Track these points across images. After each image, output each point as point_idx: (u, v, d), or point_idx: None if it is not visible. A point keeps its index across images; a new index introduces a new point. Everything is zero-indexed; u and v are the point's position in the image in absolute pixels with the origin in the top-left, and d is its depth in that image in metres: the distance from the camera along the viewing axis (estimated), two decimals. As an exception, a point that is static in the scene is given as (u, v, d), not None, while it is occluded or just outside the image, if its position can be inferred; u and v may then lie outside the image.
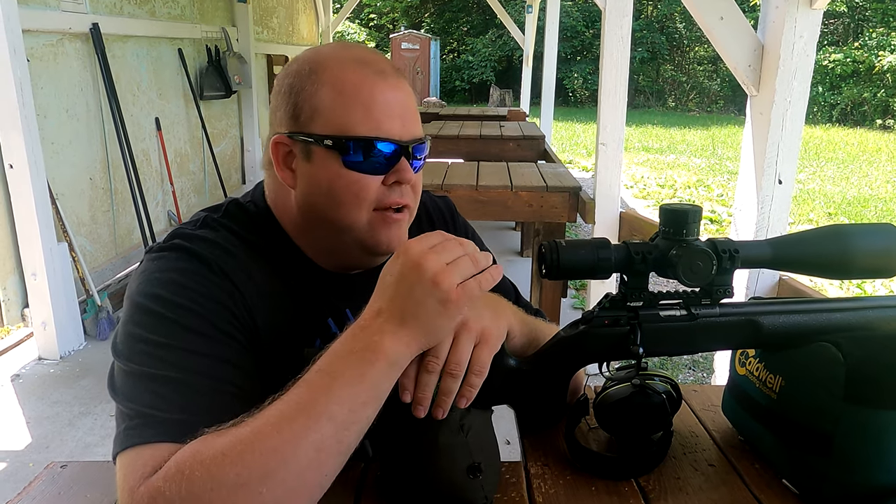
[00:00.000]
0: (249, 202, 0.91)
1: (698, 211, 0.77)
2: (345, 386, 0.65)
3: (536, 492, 0.81)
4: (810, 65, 1.75)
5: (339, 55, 0.84)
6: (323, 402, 0.64)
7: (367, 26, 23.05)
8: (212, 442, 0.63)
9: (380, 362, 0.66)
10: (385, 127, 0.81)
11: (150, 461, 0.64)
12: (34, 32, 3.11)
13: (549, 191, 2.95)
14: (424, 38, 18.47)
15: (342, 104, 0.81)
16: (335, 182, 0.82)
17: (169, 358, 0.72)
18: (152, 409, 0.69)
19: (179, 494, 0.60)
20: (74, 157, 3.42)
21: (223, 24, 5.41)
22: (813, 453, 0.75)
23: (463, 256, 0.68)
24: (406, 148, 0.83)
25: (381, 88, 0.82)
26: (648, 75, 21.20)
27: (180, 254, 0.80)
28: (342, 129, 0.81)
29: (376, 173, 0.83)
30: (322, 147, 0.81)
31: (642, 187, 8.06)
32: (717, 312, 0.80)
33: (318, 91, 0.81)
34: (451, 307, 0.67)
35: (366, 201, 0.83)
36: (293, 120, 0.83)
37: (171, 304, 0.75)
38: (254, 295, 0.82)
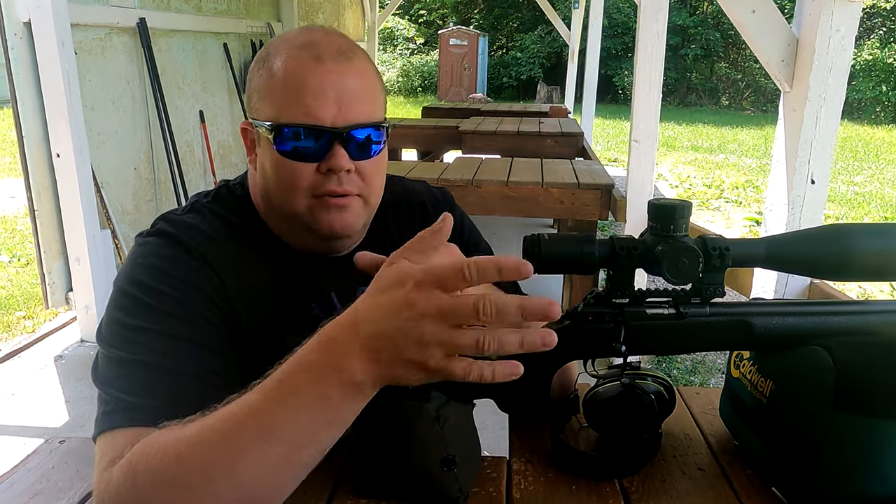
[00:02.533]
0: (238, 185, 0.93)
1: (687, 206, 0.75)
2: (305, 406, 0.58)
3: (515, 488, 0.80)
4: (847, 60, 1.67)
5: (289, 40, 0.83)
6: (278, 417, 0.58)
7: (417, 22, 23.13)
8: (162, 437, 0.62)
9: (348, 386, 0.58)
10: (315, 113, 0.79)
11: (119, 447, 0.65)
12: (83, 27, 3.23)
13: (580, 188, 2.91)
14: (473, 35, 18.43)
15: (276, 90, 0.81)
16: (273, 169, 0.83)
17: (144, 342, 0.73)
18: (126, 393, 0.70)
19: (125, 486, 0.61)
20: (120, 147, 3.54)
21: (268, 18, 5.51)
22: (801, 462, 0.72)
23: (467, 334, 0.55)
24: (339, 134, 0.80)
25: (315, 73, 0.79)
26: (702, 73, 20.65)
27: (163, 239, 0.82)
28: (276, 116, 0.81)
29: (309, 160, 0.81)
30: (265, 132, 0.82)
31: (687, 187, 7.86)
32: (707, 312, 0.78)
33: (261, 77, 0.83)
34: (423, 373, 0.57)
35: (300, 189, 0.82)
36: (248, 104, 0.85)
37: (150, 289, 0.77)
38: (235, 280, 0.83)
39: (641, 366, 0.91)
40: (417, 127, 5.24)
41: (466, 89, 17.73)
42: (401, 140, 5.18)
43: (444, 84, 18.45)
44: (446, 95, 17.84)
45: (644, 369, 0.90)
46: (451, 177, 3.01)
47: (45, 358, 3.12)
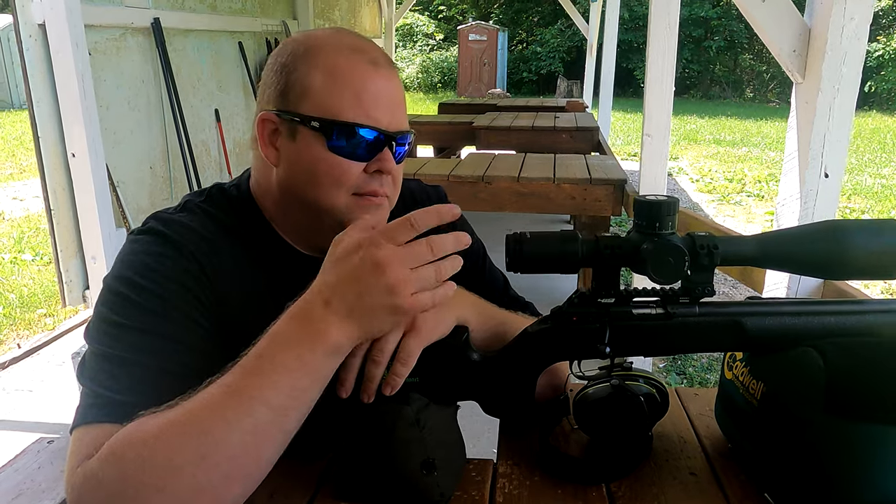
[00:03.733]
0: (233, 186, 0.93)
1: (673, 203, 0.73)
2: (284, 371, 0.65)
3: (499, 492, 0.78)
4: (862, 49, 1.62)
5: (335, 40, 0.85)
6: (259, 385, 0.64)
7: (436, 18, 23.09)
8: (146, 423, 0.63)
9: (320, 347, 0.66)
10: (373, 115, 0.82)
11: (94, 442, 0.65)
12: (98, 27, 3.26)
13: (592, 183, 2.87)
14: (492, 30, 18.37)
15: (333, 88, 0.81)
16: (317, 164, 0.82)
17: (127, 339, 0.73)
18: (105, 389, 0.70)
19: (111, 476, 0.61)
20: (135, 146, 3.58)
21: (284, 17, 5.53)
22: (793, 467, 0.70)
23: (427, 266, 0.67)
24: (391, 138, 0.84)
25: (372, 77, 0.82)
26: (725, 65, 20.36)
27: (154, 237, 0.81)
28: (330, 113, 0.81)
29: (359, 160, 0.83)
30: (308, 128, 0.82)
31: (708, 181, 7.75)
32: (696, 312, 0.75)
33: (310, 72, 0.82)
34: (399, 314, 0.68)
35: (345, 186, 0.83)
36: (282, 98, 0.84)
37: (137, 286, 0.77)
38: (225, 281, 0.82)
39: (633, 366, 0.89)
40: (433, 123, 5.22)
41: (486, 85, 17.68)
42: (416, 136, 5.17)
43: (463, 80, 18.41)
44: (466, 91, 17.81)
45: (636, 370, 0.88)
46: (462, 173, 2.99)
47: (63, 355, 3.17)
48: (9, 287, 4.25)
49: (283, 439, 0.66)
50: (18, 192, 6.87)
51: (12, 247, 5.11)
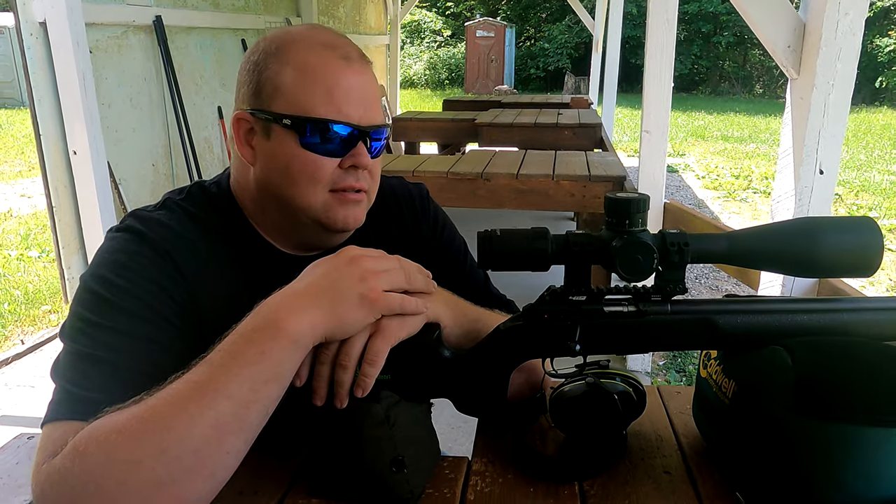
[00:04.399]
0: (213, 184, 0.93)
1: (643, 200, 0.72)
2: (245, 364, 0.65)
3: (471, 489, 0.78)
4: (857, 45, 1.60)
5: (307, 37, 0.85)
6: (222, 379, 0.64)
7: (444, 14, 23.05)
8: (109, 419, 0.64)
9: (283, 340, 0.66)
10: (345, 111, 0.82)
11: (60, 438, 0.65)
12: (99, 25, 3.28)
13: (592, 180, 2.86)
14: (500, 26, 18.31)
15: (304, 85, 0.81)
16: (292, 161, 0.83)
17: (99, 337, 0.74)
18: (75, 386, 0.70)
19: (73, 472, 0.61)
20: (137, 144, 3.60)
21: (287, 14, 5.53)
22: (762, 466, 0.69)
23: (398, 269, 0.73)
24: (364, 133, 0.84)
25: (344, 73, 0.82)
26: (735, 60, 20.21)
27: (130, 235, 0.82)
28: (302, 110, 0.81)
29: (333, 156, 0.83)
30: (281, 126, 0.82)
31: (714, 178, 7.70)
32: (668, 310, 0.75)
33: (281, 70, 0.82)
34: (368, 305, 0.70)
35: (321, 182, 0.84)
36: (255, 97, 0.84)
37: (111, 284, 0.77)
38: (202, 280, 0.82)
39: (610, 364, 0.88)
40: (435, 120, 5.22)
41: (493, 81, 17.63)
42: (419, 133, 5.17)
43: (470, 76, 18.37)
44: (473, 88, 17.77)
45: (613, 368, 0.88)
46: (461, 170, 2.99)
47: (66, 351, 3.19)
48: (14, 284, 4.28)
49: (246, 435, 0.65)
50: (27, 189, 6.92)
51: (19, 243, 5.14)
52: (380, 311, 0.71)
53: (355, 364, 0.71)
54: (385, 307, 0.71)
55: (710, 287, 4.28)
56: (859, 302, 0.74)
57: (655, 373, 2.95)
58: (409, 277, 0.74)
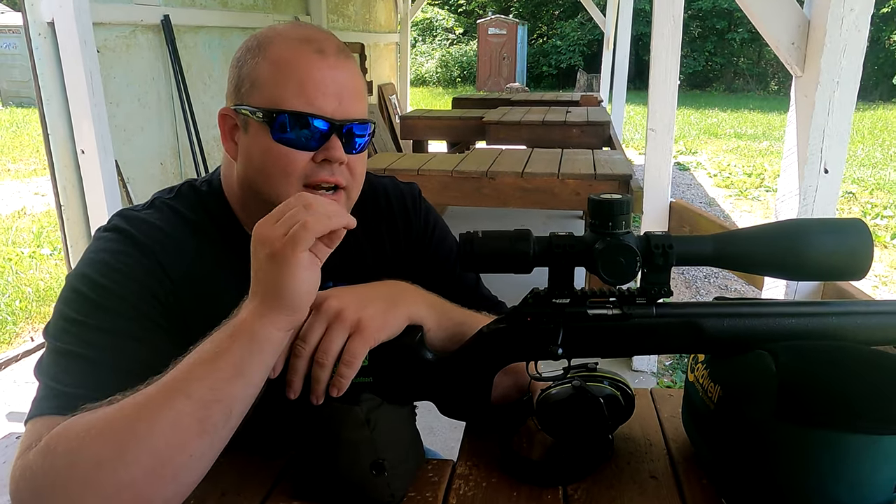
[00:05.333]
0: (204, 182, 0.93)
1: (627, 202, 0.71)
2: (204, 362, 0.65)
3: (454, 493, 0.78)
4: (862, 41, 1.58)
5: (286, 33, 0.85)
6: (182, 378, 0.65)
7: (456, 12, 23.01)
8: (82, 418, 0.64)
9: (240, 338, 0.66)
10: (317, 104, 0.82)
11: (38, 434, 0.66)
12: (107, 25, 3.29)
13: (597, 179, 2.84)
14: (512, 24, 18.26)
15: (277, 78, 0.81)
16: (265, 155, 0.83)
17: (83, 335, 0.74)
18: (57, 383, 0.71)
19: (43, 469, 0.62)
20: (146, 143, 3.61)
21: (296, 13, 5.54)
22: (745, 472, 0.68)
23: (294, 209, 0.66)
24: (338, 127, 0.83)
25: (318, 66, 0.82)
26: (749, 57, 20.01)
27: (116, 235, 0.82)
28: (274, 103, 0.81)
29: (305, 149, 0.83)
30: (255, 119, 0.82)
31: (727, 175, 7.63)
32: (653, 313, 0.74)
33: (258, 65, 0.82)
34: (278, 259, 0.65)
35: (293, 176, 0.83)
36: (236, 92, 0.85)
37: (95, 284, 0.77)
38: (188, 280, 0.82)
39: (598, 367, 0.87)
40: (443, 118, 5.21)
41: (505, 79, 17.58)
42: (427, 131, 5.16)
43: (482, 74, 18.33)
44: (485, 85, 17.73)
45: (602, 371, 0.87)
46: (466, 168, 2.98)
47: (74, 349, 3.22)
48: (26, 281, 4.33)
49: (211, 437, 0.65)
50: (41, 187, 6.98)
51: (32, 241, 5.20)
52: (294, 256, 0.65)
53: (332, 362, 0.71)
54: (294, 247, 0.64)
55: (720, 287, 4.24)
56: (849, 305, 0.73)
57: (661, 373, 2.93)
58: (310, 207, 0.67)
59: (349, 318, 0.71)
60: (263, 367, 0.68)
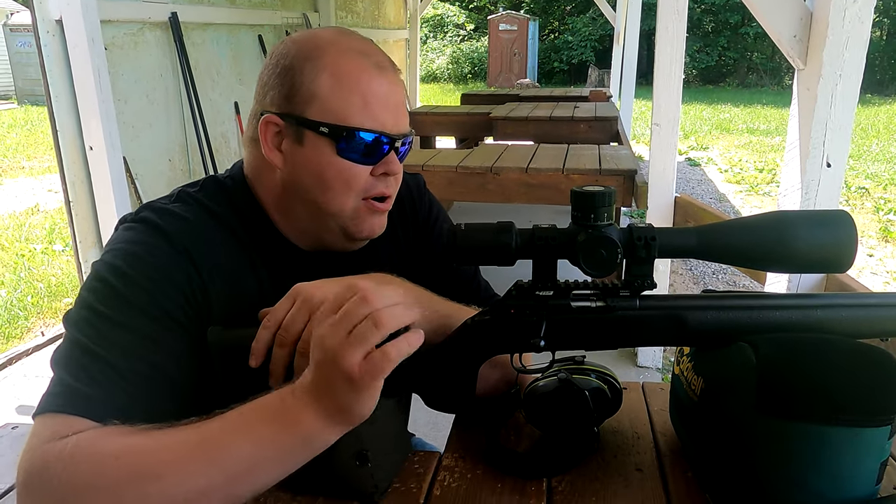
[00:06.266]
0: (228, 177, 0.91)
1: (609, 194, 0.71)
2: (251, 443, 0.64)
3: (438, 484, 0.78)
4: (865, 33, 1.55)
5: (340, 43, 0.84)
6: (227, 448, 0.64)
7: (467, 8, 22.95)
8: (113, 439, 0.64)
9: (294, 434, 0.65)
10: (381, 120, 0.83)
11: (56, 431, 0.66)
12: (115, 22, 3.31)
13: (602, 174, 2.83)
14: (523, 19, 18.19)
15: (340, 93, 0.81)
16: (327, 168, 0.83)
17: (106, 332, 0.73)
18: (77, 381, 0.70)
19: (60, 477, 0.62)
20: (154, 139, 3.64)
21: (304, 9, 5.55)
22: (728, 466, 0.68)
23: (364, 321, 0.62)
24: (395, 141, 0.85)
25: (379, 82, 0.83)
26: (763, 52, 19.81)
27: (146, 227, 0.80)
28: (338, 118, 0.81)
29: (367, 163, 0.84)
30: (316, 133, 0.82)
31: (737, 171, 7.57)
32: (637, 305, 0.74)
33: (317, 76, 0.81)
34: (357, 385, 0.62)
35: (354, 189, 0.84)
36: (286, 101, 0.83)
37: (124, 276, 0.76)
38: (216, 275, 0.81)
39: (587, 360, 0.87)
40: (450, 114, 5.20)
41: (516, 75, 17.53)
42: (435, 127, 5.16)
43: (493, 70, 18.29)
44: (496, 82, 17.69)
45: (590, 364, 0.87)
46: (471, 164, 2.98)
47: (83, 343, 3.25)
48: (38, 276, 4.38)
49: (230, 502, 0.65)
50: (54, 184, 7.06)
51: (44, 237, 5.26)
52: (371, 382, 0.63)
53: None
54: (374, 376, 0.63)
55: (728, 283, 4.21)
56: (834, 298, 0.72)
57: (667, 369, 2.92)
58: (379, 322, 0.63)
59: (332, 310, 0.71)
60: (304, 461, 0.67)
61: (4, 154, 8.57)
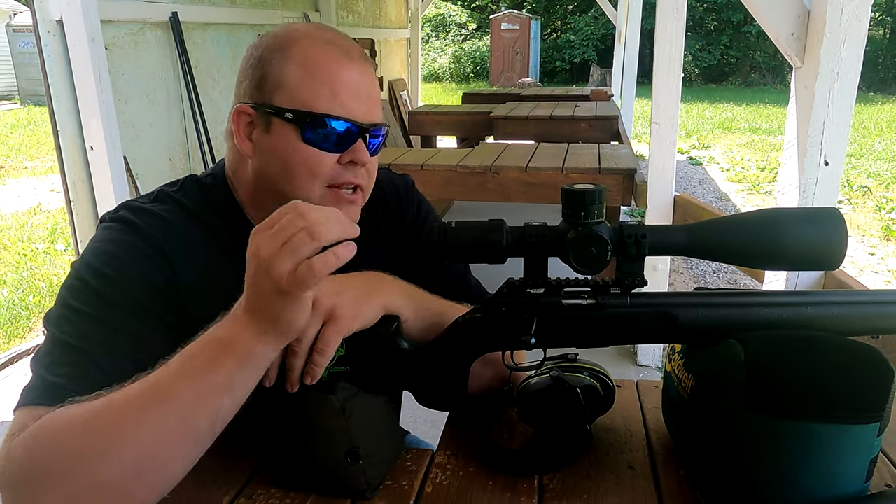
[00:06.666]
0: (208, 176, 0.92)
1: (599, 192, 0.71)
2: (195, 373, 0.65)
3: (430, 481, 0.78)
4: (862, 31, 1.56)
5: (311, 34, 0.85)
6: (171, 383, 0.65)
7: (469, 7, 22.95)
8: (67, 411, 0.64)
9: (232, 355, 0.66)
10: (347, 107, 0.83)
11: (24, 423, 0.66)
12: (115, 22, 3.32)
13: (601, 173, 2.83)
14: (525, 19, 18.18)
15: (308, 80, 0.82)
16: (291, 155, 0.83)
17: (83, 327, 0.74)
18: (50, 373, 0.70)
19: (25, 457, 0.62)
20: (155, 139, 3.65)
21: (305, 8, 5.55)
22: (718, 463, 0.68)
23: (299, 233, 0.62)
24: (365, 130, 0.84)
25: (347, 70, 0.83)
26: (766, 51, 19.76)
27: (123, 226, 0.81)
28: (304, 105, 0.82)
29: (333, 151, 0.84)
30: (282, 119, 0.82)
31: (739, 170, 7.55)
32: (627, 303, 0.74)
33: (285, 65, 0.83)
34: (287, 296, 0.63)
35: (319, 177, 0.84)
36: (257, 90, 0.84)
37: (100, 274, 0.77)
38: (192, 274, 0.82)
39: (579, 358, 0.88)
40: (451, 113, 5.20)
41: (518, 74, 17.51)
42: (435, 126, 5.16)
43: (495, 70, 18.28)
44: (498, 81, 17.68)
45: (582, 362, 0.87)
46: (470, 163, 2.98)
47: (84, 342, 3.26)
48: (40, 276, 4.39)
49: (195, 443, 0.65)
50: (56, 184, 7.07)
51: (47, 237, 5.27)
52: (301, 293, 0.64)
53: (305, 350, 0.71)
54: (302, 286, 0.62)
55: (729, 281, 4.20)
56: (826, 296, 0.72)
57: (667, 368, 2.91)
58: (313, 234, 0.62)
59: (323, 307, 0.71)
60: (253, 381, 0.68)
61: (7, 154, 8.60)
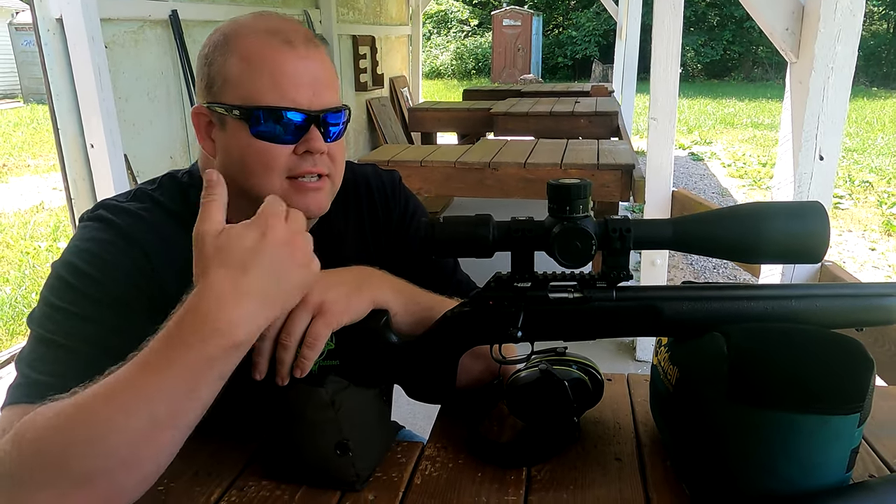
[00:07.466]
0: (185, 174, 0.93)
1: (585, 186, 0.72)
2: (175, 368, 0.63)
3: (420, 473, 0.79)
4: (857, 26, 1.56)
5: (251, 25, 0.85)
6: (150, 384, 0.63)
7: (471, 4, 22.91)
8: (51, 407, 0.64)
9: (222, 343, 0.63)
10: (292, 96, 0.82)
11: (9, 422, 0.67)
12: (115, 21, 3.33)
13: (600, 168, 2.83)
14: (526, 15, 18.14)
15: (249, 74, 0.81)
16: (245, 151, 0.83)
17: (63, 323, 0.75)
18: (34, 370, 0.72)
19: (11, 456, 0.62)
20: (155, 137, 3.66)
21: (306, 6, 5.55)
22: (701, 455, 0.69)
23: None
24: (316, 117, 0.83)
25: (288, 58, 0.82)
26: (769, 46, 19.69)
27: (101, 224, 0.83)
28: (249, 99, 0.81)
29: (285, 143, 0.83)
30: (232, 116, 0.82)
31: (741, 166, 7.54)
32: (613, 297, 0.75)
33: (227, 61, 0.82)
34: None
35: (276, 171, 0.84)
36: (208, 89, 0.85)
37: (79, 272, 0.78)
38: (170, 270, 0.82)
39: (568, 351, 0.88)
40: (451, 110, 5.21)
41: (520, 70, 17.48)
42: (435, 123, 5.16)
43: (497, 66, 18.25)
44: (500, 77, 17.66)
45: (571, 355, 0.88)
46: (469, 159, 2.98)
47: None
48: (43, 274, 4.41)
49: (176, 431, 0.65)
50: (58, 182, 7.07)
51: (49, 235, 5.29)
52: None
53: (295, 344, 0.72)
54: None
55: (729, 276, 4.21)
56: (810, 289, 0.73)
57: (665, 363, 2.91)
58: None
59: (312, 301, 0.72)
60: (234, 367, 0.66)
61: (10, 152, 8.62)
